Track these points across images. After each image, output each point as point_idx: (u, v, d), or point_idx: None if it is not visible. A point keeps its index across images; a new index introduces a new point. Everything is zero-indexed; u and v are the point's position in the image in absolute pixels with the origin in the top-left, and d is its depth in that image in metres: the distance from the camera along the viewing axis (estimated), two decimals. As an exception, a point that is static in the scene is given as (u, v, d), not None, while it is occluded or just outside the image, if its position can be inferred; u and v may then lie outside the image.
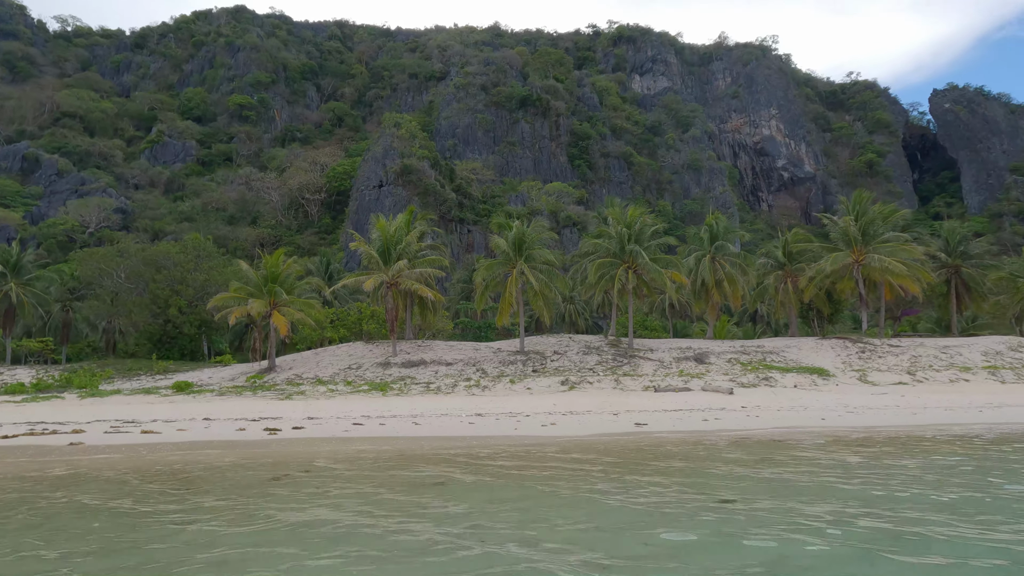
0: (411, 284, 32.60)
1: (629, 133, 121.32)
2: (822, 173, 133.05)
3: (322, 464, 10.75)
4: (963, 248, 45.35)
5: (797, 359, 32.52)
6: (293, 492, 8.33)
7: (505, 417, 17.62)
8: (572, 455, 11.44)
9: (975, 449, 12.70)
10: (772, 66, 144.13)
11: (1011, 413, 19.41)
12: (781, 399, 22.85)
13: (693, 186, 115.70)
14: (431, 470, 10.04)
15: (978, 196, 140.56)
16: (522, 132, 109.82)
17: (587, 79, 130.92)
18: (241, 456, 11.56)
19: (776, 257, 42.89)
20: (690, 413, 18.62)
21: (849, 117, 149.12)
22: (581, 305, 56.26)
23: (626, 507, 7.21)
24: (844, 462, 10.70)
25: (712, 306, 41.14)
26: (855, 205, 41.12)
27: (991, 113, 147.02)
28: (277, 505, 7.42)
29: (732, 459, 11.07)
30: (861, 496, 7.71)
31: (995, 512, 6.98)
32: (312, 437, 14.09)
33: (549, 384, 28.29)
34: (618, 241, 36.12)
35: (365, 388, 27.31)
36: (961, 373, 30.20)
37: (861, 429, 16.41)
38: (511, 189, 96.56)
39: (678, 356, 33.17)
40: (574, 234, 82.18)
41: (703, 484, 8.66)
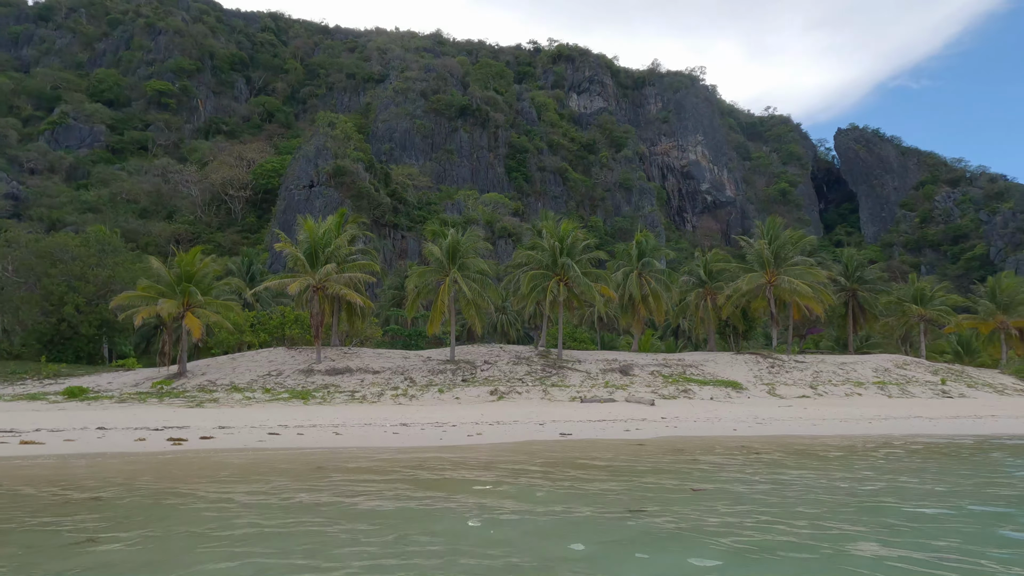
0: (339, 289, 31.58)
1: (565, 149, 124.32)
2: (741, 198, 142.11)
3: (227, 474, 10.12)
4: (860, 274, 49.76)
5: (714, 372, 34.30)
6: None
7: (431, 427, 17.36)
8: (495, 463, 11.43)
9: (859, 456, 13.86)
10: (699, 95, 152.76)
11: (893, 424, 21.40)
12: (698, 410, 23.98)
13: (624, 204, 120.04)
14: (339, 476, 9.69)
15: (873, 227, 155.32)
16: (460, 141, 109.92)
17: (526, 93, 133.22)
18: (132, 471, 10.66)
19: (698, 275, 45.21)
20: (613, 424, 19.14)
21: (766, 148, 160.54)
22: (513, 315, 56.66)
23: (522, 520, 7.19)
24: (751, 469, 11.35)
25: (638, 320, 42.69)
26: (769, 230, 44.22)
27: (885, 153, 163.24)
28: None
29: (645, 469, 11.45)
30: (762, 502, 8.19)
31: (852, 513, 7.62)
32: (220, 448, 13.23)
33: (478, 394, 28.21)
34: (551, 254, 36.81)
35: (285, 396, 26.06)
36: (855, 388, 32.99)
37: (768, 438, 17.52)
38: (447, 197, 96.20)
39: (604, 368, 34.09)
40: (509, 245, 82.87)
41: (618, 492, 8.90)
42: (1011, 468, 12.84)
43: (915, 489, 9.52)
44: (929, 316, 48.73)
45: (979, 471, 11.98)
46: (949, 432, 19.86)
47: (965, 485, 10.01)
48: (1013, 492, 9.52)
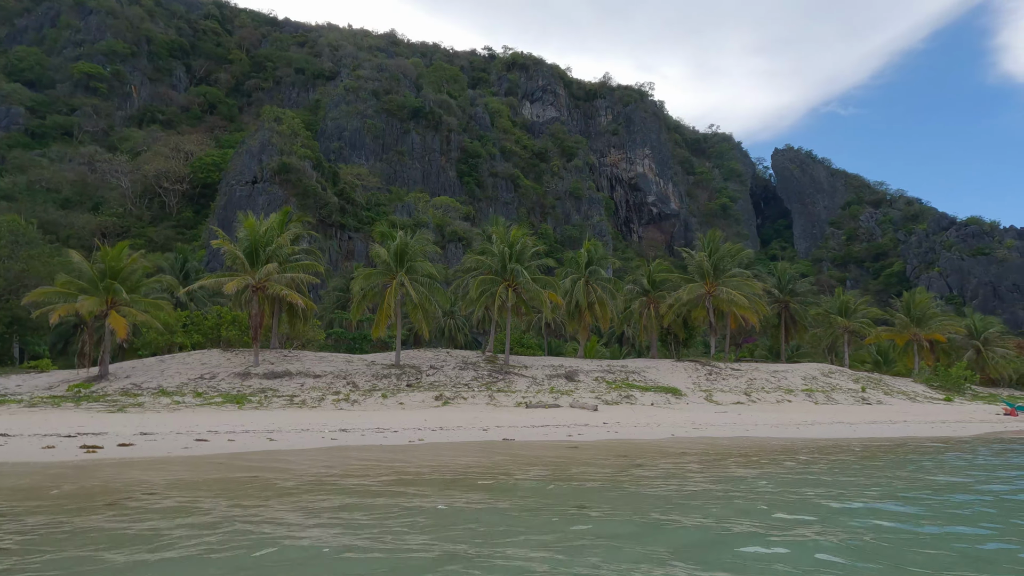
0: (280, 289, 30.44)
1: (517, 156, 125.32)
2: (685, 211, 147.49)
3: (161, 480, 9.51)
4: (792, 286, 52.59)
5: (655, 379, 35.28)
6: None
7: (372, 432, 16.96)
8: (430, 469, 11.29)
9: (783, 458, 14.60)
10: (648, 110, 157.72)
11: (819, 430, 22.68)
12: (639, 416, 24.57)
13: (574, 213, 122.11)
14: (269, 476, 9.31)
15: (805, 243, 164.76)
16: (412, 143, 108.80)
17: (480, 99, 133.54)
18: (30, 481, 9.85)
19: (642, 284, 46.48)
20: (556, 429, 19.33)
21: (709, 164, 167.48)
22: (461, 320, 56.36)
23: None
24: (687, 472, 11.71)
25: (584, 327, 43.38)
26: (709, 243, 46.07)
27: (817, 174, 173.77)
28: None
29: (580, 472, 11.62)
30: (694, 506, 8.47)
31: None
32: (138, 458, 12.44)
33: (423, 399, 27.83)
34: (500, 259, 36.88)
35: (218, 400, 24.82)
36: (785, 395, 34.74)
37: (704, 442, 18.16)
38: (397, 199, 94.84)
39: (550, 373, 34.41)
40: (459, 249, 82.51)
41: (556, 493, 8.97)
42: (910, 467, 13.84)
43: (811, 484, 10.10)
44: (852, 328, 52.03)
45: (879, 470, 12.85)
46: (867, 435, 21.24)
47: (860, 482, 10.70)
48: (885, 487, 10.26)
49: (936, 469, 13.38)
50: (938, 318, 54.20)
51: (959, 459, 15.50)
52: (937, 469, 13.39)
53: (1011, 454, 17.15)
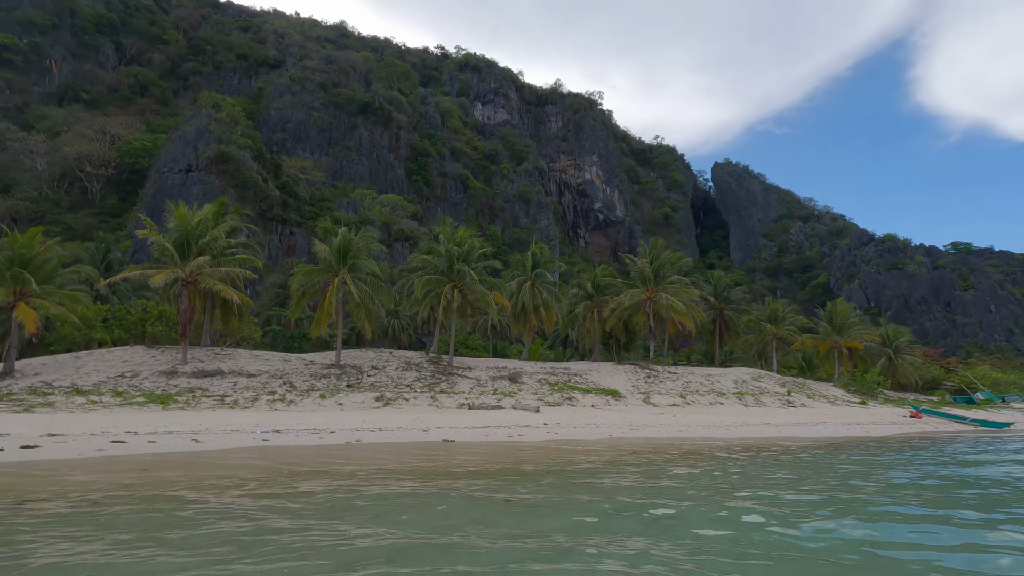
0: (213, 283, 29.01)
1: (468, 157, 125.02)
2: (630, 219, 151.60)
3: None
4: (727, 294, 55.05)
5: (597, 381, 36.01)
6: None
7: (307, 433, 16.44)
8: (359, 470, 11.07)
9: (706, 458, 15.28)
10: (597, 119, 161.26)
11: (748, 431, 23.84)
12: (579, 417, 25.01)
13: (522, 216, 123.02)
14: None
15: (740, 253, 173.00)
16: (360, 138, 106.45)
17: (432, 98, 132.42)
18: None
19: (586, 289, 47.40)
20: (497, 430, 19.39)
21: (653, 174, 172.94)
22: (406, 320, 55.59)
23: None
24: (619, 473, 12.03)
25: (529, 329, 43.76)
26: (651, 250, 47.58)
27: (752, 188, 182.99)
28: None
29: (503, 472, 11.72)
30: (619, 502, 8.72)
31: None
32: (43, 460, 11.53)
33: (363, 400, 27.23)
34: (447, 259, 36.68)
35: (141, 400, 23.34)
36: (718, 398, 36.28)
37: (640, 442, 18.71)
38: (343, 194, 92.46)
39: (494, 375, 34.47)
40: (405, 248, 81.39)
41: (486, 486, 9.00)
42: (825, 466, 14.80)
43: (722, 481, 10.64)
44: (781, 335, 55.04)
45: (794, 467, 13.67)
46: (790, 435, 22.51)
47: (782, 478, 11.36)
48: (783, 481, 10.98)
49: (841, 463, 14.35)
50: (856, 327, 58.23)
51: (865, 455, 16.69)
52: (843, 463, 14.37)
53: (908, 451, 18.66)
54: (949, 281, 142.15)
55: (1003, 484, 11.37)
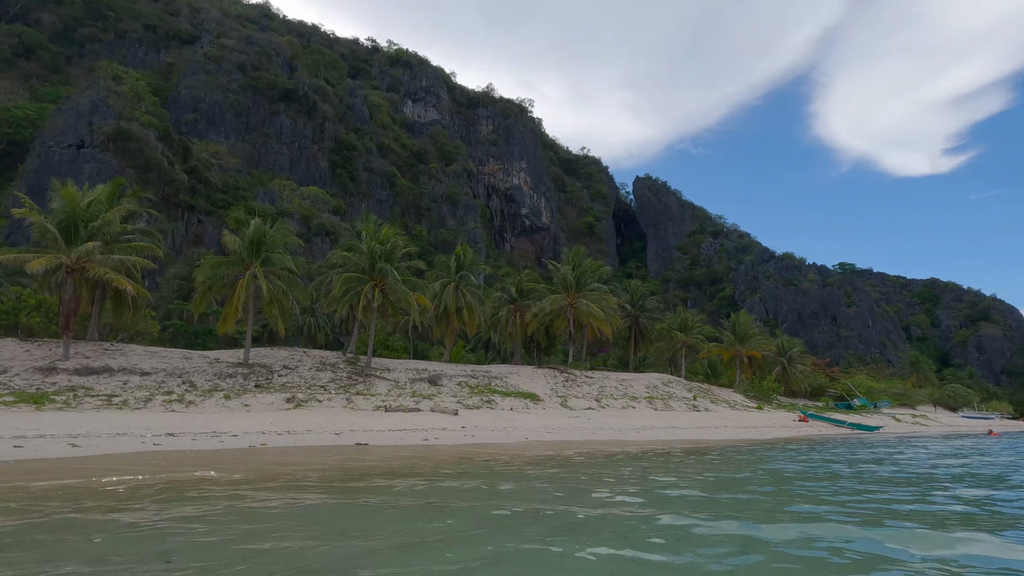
0: (104, 272, 26.44)
1: (396, 154, 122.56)
2: (555, 226, 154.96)
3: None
4: (642, 303, 57.61)
5: (516, 385, 36.41)
6: None
7: (206, 436, 15.35)
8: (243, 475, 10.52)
9: (604, 461, 15.93)
10: (527, 126, 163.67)
11: (655, 434, 25.03)
12: (497, 420, 25.16)
13: (449, 217, 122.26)
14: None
15: (656, 264, 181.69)
16: (281, 126, 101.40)
17: (360, 91, 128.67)
18: None
19: (510, 293, 47.87)
20: (414, 432, 19.09)
21: (579, 184, 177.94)
22: (323, 319, 53.47)
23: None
24: (527, 474, 12.22)
25: (451, 331, 43.51)
26: (574, 258, 48.88)
27: (669, 203, 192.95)
28: None
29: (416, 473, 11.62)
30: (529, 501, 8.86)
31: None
32: None
33: (272, 401, 25.84)
34: (369, 257, 35.71)
35: (9, 399, 20.78)
36: (631, 402, 37.83)
37: (555, 445, 19.11)
38: (259, 184, 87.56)
39: (414, 377, 33.93)
40: (326, 244, 78.33)
41: (385, 490, 8.85)
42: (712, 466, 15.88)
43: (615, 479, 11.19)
44: (689, 343, 58.37)
45: (683, 466, 14.57)
46: (694, 438, 23.88)
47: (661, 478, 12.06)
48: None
49: (730, 461, 15.44)
50: (756, 338, 62.93)
51: (752, 454, 18.06)
52: (731, 461, 15.47)
53: (792, 451, 20.41)
54: (836, 298, 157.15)
55: (830, 478, 12.68)
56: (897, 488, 11.09)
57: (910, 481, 12.21)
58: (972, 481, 12.61)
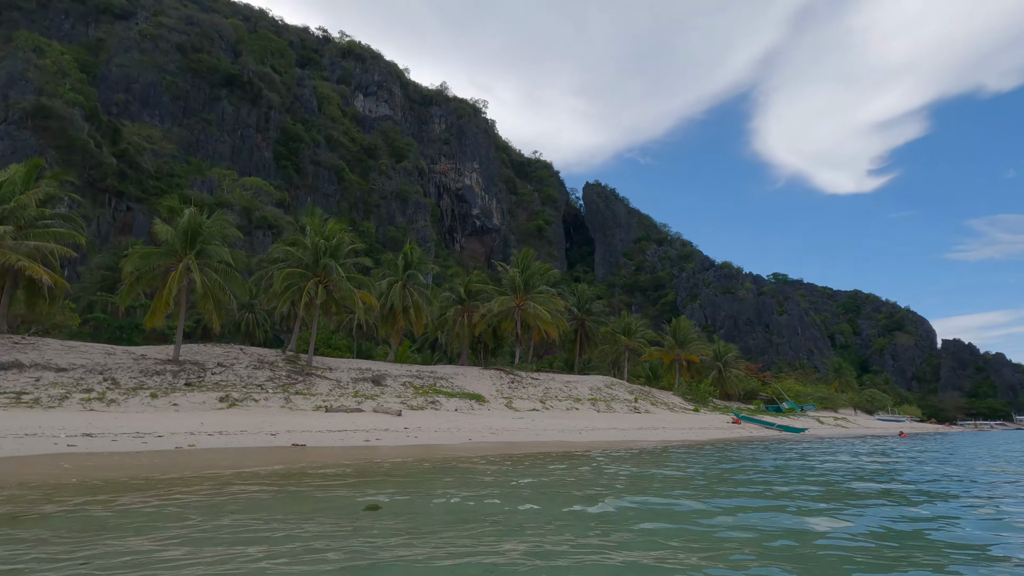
0: (16, 259, 24.42)
1: (345, 148, 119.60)
2: (505, 228, 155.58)
3: None
4: (589, 307, 58.66)
5: (462, 385, 36.25)
6: None
7: (129, 437, 14.42)
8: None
9: (565, 460, 16.17)
10: (480, 126, 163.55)
11: (597, 435, 25.54)
12: (441, 421, 24.96)
13: (399, 215, 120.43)
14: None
15: (603, 269, 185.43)
16: (223, 112, 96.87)
17: (309, 81, 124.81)
18: None
19: (459, 293, 47.64)
20: (355, 433, 18.65)
21: (530, 187, 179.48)
22: (262, 315, 51.47)
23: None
24: (472, 474, 12.21)
25: (397, 331, 42.84)
26: (523, 260, 49.21)
27: (617, 210, 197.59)
28: None
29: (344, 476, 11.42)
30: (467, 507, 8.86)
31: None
32: None
33: (204, 400, 24.59)
34: (313, 252, 34.66)
35: (-102, 396, 18.81)
36: (574, 403, 38.43)
37: (499, 446, 19.15)
38: (198, 172, 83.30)
39: (357, 377, 33.16)
40: (268, 237, 75.45)
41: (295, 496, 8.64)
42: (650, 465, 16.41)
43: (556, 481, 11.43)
44: (632, 346, 59.93)
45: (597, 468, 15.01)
46: (633, 439, 24.52)
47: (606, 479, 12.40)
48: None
49: (660, 460, 16.02)
50: (695, 342, 65.37)
51: (688, 455, 18.77)
52: (662, 460, 16.05)
53: (726, 451, 21.35)
54: (769, 306, 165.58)
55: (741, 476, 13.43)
56: (787, 481, 11.79)
57: (807, 477, 13.01)
58: (862, 475, 13.59)
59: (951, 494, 10.42)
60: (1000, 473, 15.20)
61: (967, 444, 35.37)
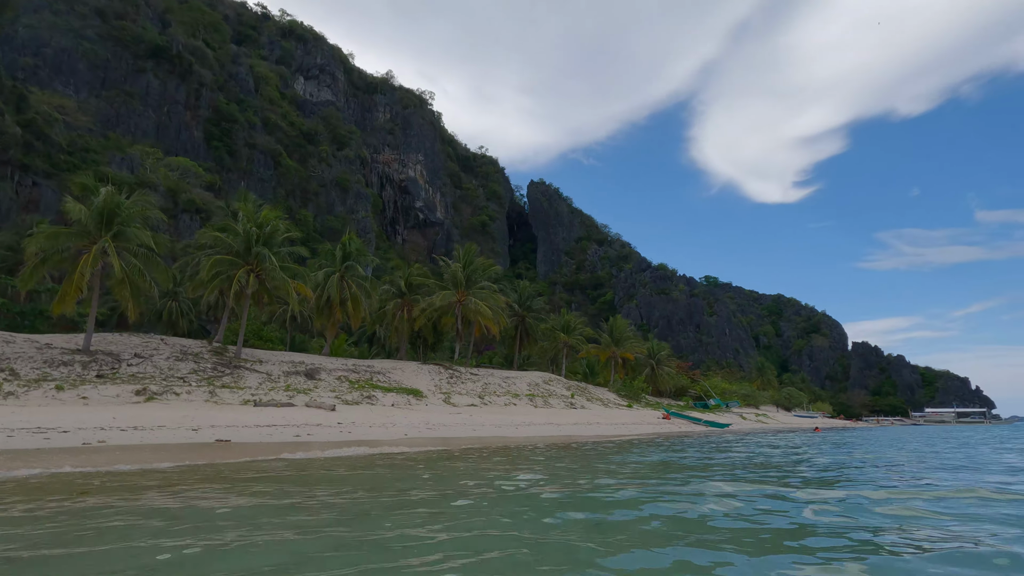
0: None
1: (283, 132, 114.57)
2: (449, 222, 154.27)
3: None
4: (530, 303, 59.26)
5: (400, 380, 35.73)
6: None
7: (27, 433, 13.25)
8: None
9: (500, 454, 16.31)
10: (426, 118, 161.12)
11: (534, 430, 25.88)
12: (377, 416, 24.51)
13: (338, 204, 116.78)
14: None
15: (545, 266, 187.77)
16: (148, 86, 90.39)
17: (245, 59, 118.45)
18: None
19: (399, 286, 46.88)
20: (284, 429, 17.99)
21: (475, 182, 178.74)
22: (187, 304, 48.60)
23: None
24: (413, 469, 12.08)
25: (333, 323, 41.64)
26: (466, 255, 49.01)
27: (560, 209, 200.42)
28: None
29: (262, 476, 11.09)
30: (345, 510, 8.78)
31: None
32: None
33: (118, 393, 22.96)
34: (245, 240, 33.08)
35: None
36: (513, 399, 38.75)
37: (435, 441, 19.03)
38: (117, 148, 77.32)
39: (289, 370, 31.98)
40: (195, 222, 71.15)
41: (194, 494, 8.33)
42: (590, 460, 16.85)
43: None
44: (571, 343, 61.08)
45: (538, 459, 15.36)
46: (568, 434, 25.02)
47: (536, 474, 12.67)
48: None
49: (584, 456, 16.51)
50: (630, 341, 67.45)
51: (617, 449, 19.41)
52: (587, 456, 16.54)
53: (653, 447, 22.22)
54: (700, 307, 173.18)
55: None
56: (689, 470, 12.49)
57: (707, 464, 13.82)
58: (764, 460, 14.57)
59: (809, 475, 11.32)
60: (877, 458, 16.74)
61: (872, 438, 38.52)
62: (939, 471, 13.48)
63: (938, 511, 7.28)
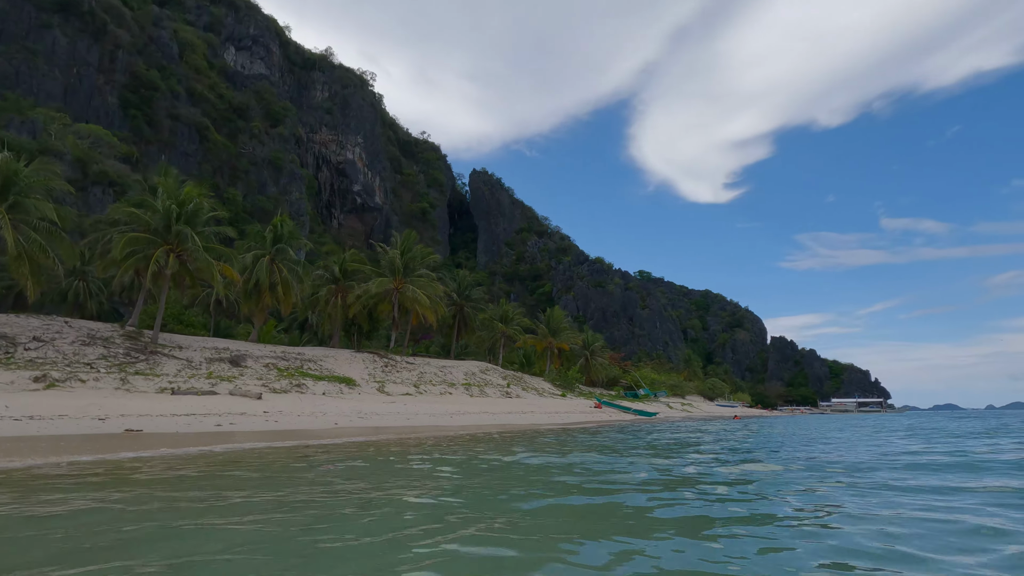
0: None
1: (210, 104, 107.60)
2: (388, 208, 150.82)
3: None
4: (468, 293, 59.11)
5: (332, 368, 34.74)
6: None
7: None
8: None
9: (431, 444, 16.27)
10: (367, 99, 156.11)
11: (469, 419, 25.94)
12: (306, 405, 23.75)
13: (271, 184, 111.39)
14: None
15: (485, 256, 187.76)
16: (54, 43, 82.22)
17: (169, 23, 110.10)
18: None
19: (333, 272, 45.43)
20: (205, 418, 17.08)
21: (416, 168, 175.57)
22: (97, 285, 45.01)
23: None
24: (352, 461, 11.81)
25: (262, 308, 39.83)
26: (404, 242, 48.13)
27: (502, 199, 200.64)
28: None
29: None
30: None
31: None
32: None
33: (13, 380, 20.94)
34: (165, 217, 30.94)
35: None
36: (449, 388, 38.63)
37: (367, 430, 18.68)
38: (16, 110, 69.98)
39: (212, 357, 30.33)
40: (108, 196, 65.77)
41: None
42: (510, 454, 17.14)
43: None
44: (509, 333, 61.56)
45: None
46: (502, 423, 25.27)
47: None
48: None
49: (509, 444, 16.82)
50: (566, 331, 68.77)
51: (551, 438, 19.86)
52: (513, 444, 16.86)
53: (586, 435, 22.90)
54: (634, 301, 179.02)
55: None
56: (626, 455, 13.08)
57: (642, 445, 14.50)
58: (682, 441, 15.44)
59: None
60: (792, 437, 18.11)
61: (783, 424, 41.38)
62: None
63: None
